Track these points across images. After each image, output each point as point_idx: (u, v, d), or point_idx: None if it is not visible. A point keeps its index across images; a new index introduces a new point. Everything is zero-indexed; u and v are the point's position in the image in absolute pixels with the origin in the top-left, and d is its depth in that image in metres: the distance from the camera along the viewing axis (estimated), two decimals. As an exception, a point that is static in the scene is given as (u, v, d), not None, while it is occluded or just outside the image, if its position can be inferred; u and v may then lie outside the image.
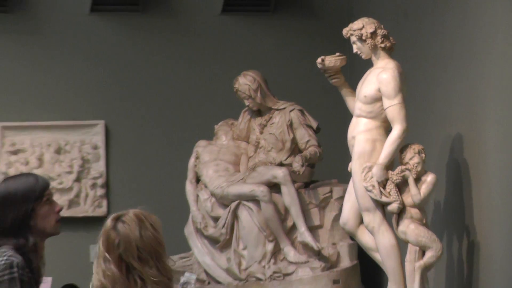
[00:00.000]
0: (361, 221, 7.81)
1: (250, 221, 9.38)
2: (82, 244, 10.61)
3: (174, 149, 10.67)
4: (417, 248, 7.45)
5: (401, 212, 7.48)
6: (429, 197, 7.63)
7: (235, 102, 9.78)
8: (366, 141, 7.65)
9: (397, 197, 7.47)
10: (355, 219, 7.90)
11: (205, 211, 9.68)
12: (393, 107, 7.54)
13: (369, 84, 7.70)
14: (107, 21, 10.91)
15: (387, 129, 7.65)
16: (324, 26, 10.78)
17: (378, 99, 7.64)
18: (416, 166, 7.52)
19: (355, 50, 7.78)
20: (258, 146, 9.70)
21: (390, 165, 7.58)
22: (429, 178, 7.55)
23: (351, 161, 7.75)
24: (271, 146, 9.58)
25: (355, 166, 7.65)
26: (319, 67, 8.05)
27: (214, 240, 9.61)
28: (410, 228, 7.44)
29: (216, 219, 9.60)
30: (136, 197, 10.79)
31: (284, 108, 9.63)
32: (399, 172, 7.51)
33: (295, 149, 9.54)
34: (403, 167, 7.53)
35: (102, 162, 10.88)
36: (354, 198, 7.77)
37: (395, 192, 7.48)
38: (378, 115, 7.67)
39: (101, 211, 10.80)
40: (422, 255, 7.43)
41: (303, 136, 9.54)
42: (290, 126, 9.56)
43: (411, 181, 7.47)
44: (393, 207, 7.48)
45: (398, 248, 7.58)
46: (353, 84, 8.01)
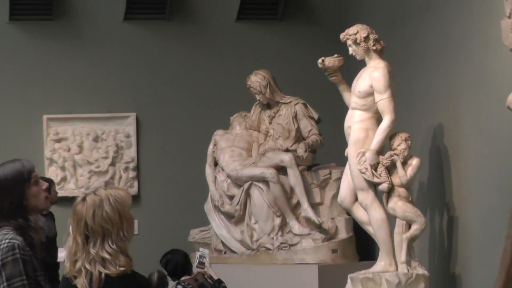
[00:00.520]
0: (356, 199, 7.78)
1: (261, 199, 9.39)
2: None
3: (195, 137, 10.64)
4: (404, 222, 7.44)
5: (390, 191, 7.47)
6: (414, 178, 7.62)
7: (247, 97, 9.78)
8: (360, 130, 7.63)
9: (387, 178, 7.46)
10: (351, 197, 7.88)
11: (222, 191, 9.70)
12: (383, 101, 7.52)
13: (363, 81, 7.68)
14: (138, 27, 10.88)
15: (378, 120, 7.62)
16: (324, 31, 10.72)
17: (370, 94, 7.62)
18: (403, 152, 7.51)
19: (350, 52, 7.77)
20: (267, 134, 9.68)
21: (381, 150, 7.56)
22: (414, 162, 7.54)
23: (347, 147, 7.74)
24: (279, 135, 9.57)
25: (350, 152, 7.65)
26: (319, 66, 8.02)
27: (229, 216, 9.63)
28: (398, 205, 7.44)
29: (231, 198, 9.61)
30: (162, 178, 10.85)
31: (289, 102, 9.62)
32: (389, 157, 7.51)
33: (299, 137, 9.52)
34: (392, 152, 7.54)
35: (133, 149, 10.84)
36: (350, 179, 7.75)
37: (385, 173, 7.48)
38: (371, 108, 7.64)
39: (133, 190, 10.74)
40: (409, 228, 7.42)
41: (306, 126, 9.53)
42: (295, 117, 9.54)
43: (398, 164, 7.47)
44: (383, 186, 7.48)
45: (388, 222, 7.57)
46: (349, 81, 8.00)
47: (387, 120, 7.52)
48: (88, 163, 10.77)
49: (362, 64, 7.85)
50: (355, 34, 7.71)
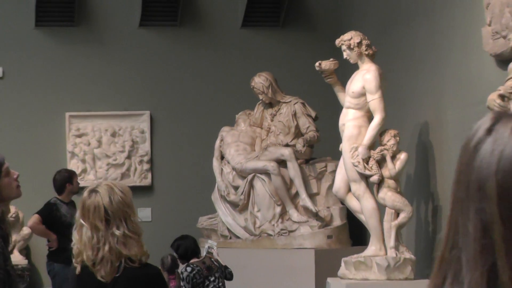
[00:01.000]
0: (349, 190, 7.79)
1: (263, 190, 9.39)
2: None
3: (203, 133, 10.61)
4: (393, 210, 7.45)
5: (380, 182, 7.48)
6: (402, 170, 7.63)
7: (251, 96, 9.77)
8: (353, 127, 7.63)
9: (377, 171, 7.47)
10: (344, 188, 7.88)
11: (227, 182, 9.70)
12: (374, 101, 7.52)
13: (356, 83, 7.68)
14: (152, 33, 10.87)
15: (370, 118, 7.64)
16: (320, 37, 10.71)
17: (363, 94, 7.61)
18: (392, 147, 7.51)
19: (345, 56, 7.77)
20: (269, 131, 9.68)
21: (372, 145, 7.57)
22: (402, 156, 7.54)
23: (341, 142, 7.75)
24: (280, 131, 9.56)
25: (344, 147, 7.65)
26: (317, 69, 8.05)
27: (234, 204, 9.62)
28: (387, 195, 7.45)
29: (236, 188, 9.61)
30: (173, 170, 10.85)
31: (289, 101, 9.61)
32: (379, 151, 7.51)
33: (298, 133, 9.52)
34: (382, 147, 7.54)
35: (147, 144, 10.83)
36: (344, 171, 7.76)
37: (376, 167, 7.48)
38: (363, 107, 7.64)
39: (146, 181, 10.79)
40: (397, 216, 7.43)
41: (305, 123, 9.53)
42: (294, 115, 9.54)
43: (388, 158, 7.47)
44: (374, 178, 7.48)
45: (378, 211, 7.56)
46: (343, 82, 7.99)
47: (377, 118, 7.52)
48: (106, 156, 10.78)
49: (355, 67, 7.85)
50: (349, 40, 7.71)
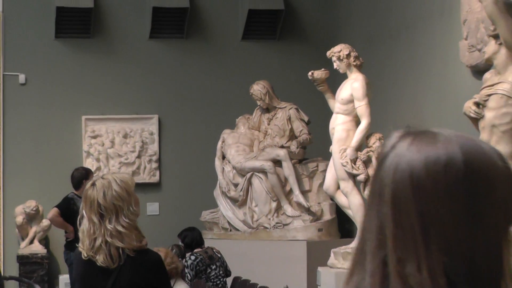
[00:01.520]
0: (338, 187, 7.77)
1: (260, 187, 9.37)
2: (141, 202, 10.50)
3: (207, 135, 10.58)
4: (377, 206, 7.45)
5: (366, 180, 7.43)
6: (386, 170, 7.63)
7: (250, 102, 9.76)
8: (342, 131, 7.62)
9: (364, 170, 7.45)
10: (334, 186, 7.86)
11: (228, 179, 9.67)
12: (362, 107, 7.51)
13: (345, 90, 7.67)
14: (161, 44, 10.84)
15: (357, 122, 7.62)
16: (313, 49, 10.67)
17: (351, 101, 7.60)
18: (378, 148, 7.46)
19: (335, 67, 7.76)
20: (266, 133, 9.66)
21: (359, 147, 7.56)
22: (386, 157, 7.55)
23: (331, 144, 7.73)
24: (276, 134, 9.54)
25: (334, 148, 7.64)
26: (309, 78, 8.05)
27: (234, 200, 9.60)
28: (372, 192, 7.46)
29: (236, 185, 9.59)
30: (179, 169, 10.83)
31: (285, 107, 9.59)
32: (365, 153, 7.49)
33: (292, 136, 9.50)
34: (368, 149, 7.53)
35: (156, 144, 10.81)
36: (334, 170, 7.75)
37: (362, 166, 7.47)
38: (351, 113, 7.63)
39: (155, 179, 10.76)
40: None
41: (298, 127, 9.51)
42: (289, 119, 9.52)
43: (374, 159, 7.41)
44: (361, 177, 7.47)
45: (364, 206, 7.55)
46: (333, 90, 7.98)
47: (364, 123, 7.51)
48: (119, 155, 10.76)
49: (344, 76, 7.84)
50: (339, 52, 7.70)
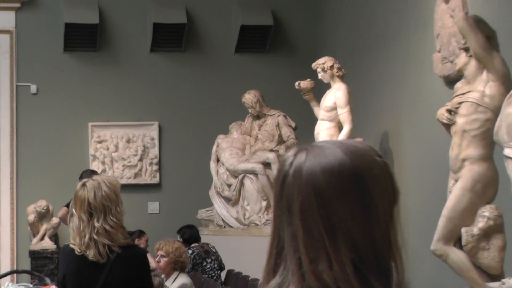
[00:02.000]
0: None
1: (252, 187, 9.35)
2: (142, 201, 10.58)
3: (203, 140, 10.54)
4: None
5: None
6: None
7: (242, 110, 9.74)
8: (326, 136, 7.60)
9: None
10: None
11: (222, 180, 9.66)
12: (344, 114, 7.54)
13: (329, 99, 7.69)
14: (161, 57, 10.82)
15: (340, 128, 7.65)
16: (300, 61, 10.61)
17: (334, 108, 7.63)
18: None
19: (319, 77, 7.78)
20: (257, 138, 9.63)
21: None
22: (366, 160, 7.53)
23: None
24: (266, 139, 9.53)
25: (319, 152, 7.66)
26: (296, 88, 8.08)
27: (228, 199, 9.58)
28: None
29: (229, 186, 9.58)
30: (178, 171, 10.80)
31: (274, 114, 9.58)
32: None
33: (281, 141, 9.49)
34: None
35: (156, 148, 10.78)
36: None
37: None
38: (334, 119, 7.66)
39: (155, 180, 10.72)
40: None
41: (286, 132, 9.50)
42: (278, 125, 9.51)
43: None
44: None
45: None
46: (318, 99, 7.99)
47: (346, 128, 7.55)
48: (122, 159, 10.74)
49: (328, 86, 7.86)
50: (323, 63, 7.72)
